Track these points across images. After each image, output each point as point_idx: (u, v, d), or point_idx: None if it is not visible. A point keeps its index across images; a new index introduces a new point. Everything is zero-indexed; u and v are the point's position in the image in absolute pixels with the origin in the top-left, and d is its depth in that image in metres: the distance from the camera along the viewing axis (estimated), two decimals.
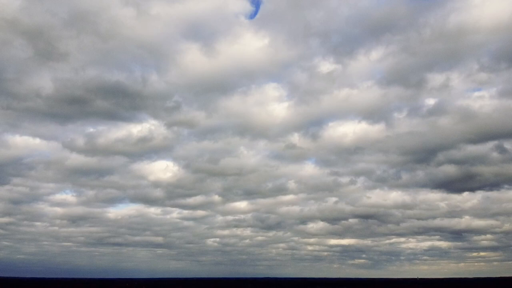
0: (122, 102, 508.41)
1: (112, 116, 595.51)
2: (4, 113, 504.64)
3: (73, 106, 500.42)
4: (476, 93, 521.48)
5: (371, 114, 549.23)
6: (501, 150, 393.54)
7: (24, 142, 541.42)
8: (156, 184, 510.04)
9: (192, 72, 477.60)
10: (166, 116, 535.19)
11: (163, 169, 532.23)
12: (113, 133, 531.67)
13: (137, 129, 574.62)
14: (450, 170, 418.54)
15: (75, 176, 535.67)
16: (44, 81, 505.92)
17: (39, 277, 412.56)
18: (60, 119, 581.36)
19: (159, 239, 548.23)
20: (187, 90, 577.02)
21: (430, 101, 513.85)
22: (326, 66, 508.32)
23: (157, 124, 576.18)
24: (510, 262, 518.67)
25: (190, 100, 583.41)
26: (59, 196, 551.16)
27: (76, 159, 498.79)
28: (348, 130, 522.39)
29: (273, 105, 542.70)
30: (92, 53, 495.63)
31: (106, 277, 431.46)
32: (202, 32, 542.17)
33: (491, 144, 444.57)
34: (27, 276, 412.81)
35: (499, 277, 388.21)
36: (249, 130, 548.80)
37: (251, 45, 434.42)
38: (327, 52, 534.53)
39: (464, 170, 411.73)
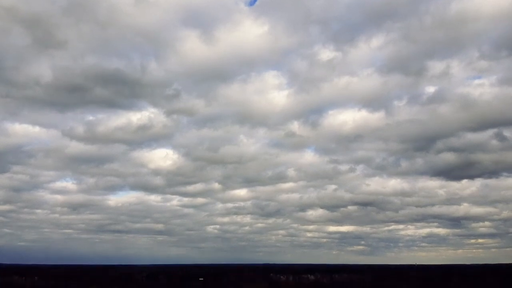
0: (122, 90, 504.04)
1: (111, 104, 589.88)
2: (3, 101, 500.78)
3: (72, 94, 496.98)
4: (476, 81, 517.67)
5: (371, 102, 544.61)
6: (501, 138, 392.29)
7: (24, 130, 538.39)
8: (156, 172, 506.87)
9: (192, 59, 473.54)
10: (165, 104, 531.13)
11: (163, 157, 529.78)
12: (112, 121, 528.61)
13: (136, 117, 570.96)
14: (449, 157, 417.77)
15: (75, 164, 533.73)
16: (43, 69, 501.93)
17: (40, 264, 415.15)
18: (60, 107, 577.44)
19: (160, 226, 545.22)
20: (186, 78, 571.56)
21: (430, 89, 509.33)
22: (326, 53, 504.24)
23: (157, 112, 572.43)
24: (508, 249, 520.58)
25: (190, 88, 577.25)
26: (59, 184, 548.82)
27: (75, 147, 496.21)
28: (348, 118, 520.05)
29: (273, 93, 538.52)
30: (91, 41, 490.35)
31: (107, 263, 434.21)
32: (201, 19, 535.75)
33: (490, 132, 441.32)
34: (28, 263, 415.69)
35: (497, 264, 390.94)
36: (249, 118, 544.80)
37: (250, 32, 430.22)
38: (327, 40, 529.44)
39: (463, 157, 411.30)
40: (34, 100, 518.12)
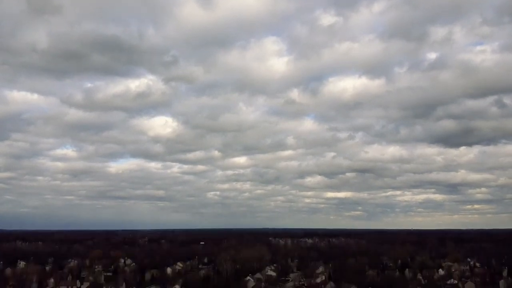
0: (119, 56, 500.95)
1: (109, 71, 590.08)
2: (0, 69, 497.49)
3: (69, 61, 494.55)
4: (478, 47, 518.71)
5: (372, 69, 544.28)
6: (501, 105, 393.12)
7: (22, 97, 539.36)
8: (156, 140, 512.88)
9: (190, 25, 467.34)
10: (163, 71, 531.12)
11: (162, 125, 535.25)
12: (111, 88, 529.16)
13: (135, 84, 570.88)
14: (448, 124, 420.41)
15: (75, 131, 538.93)
16: (39, 35, 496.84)
17: (43, 229, 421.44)
18: (57, 74, 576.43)
19: (161, 193, 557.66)
20: (184, 44, 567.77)
21: (432, 55, 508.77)
22: (327, 18, 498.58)
23: (155, 79, 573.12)
24: (503, 214, 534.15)
25: (188, 55, 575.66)
26: (60, 151, 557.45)
27: (74, 114, 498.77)
28: (348, 85, 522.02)
29: (273, 59, 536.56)
30: (87, 6, 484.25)
31: (110, 229, 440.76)
32: None
33: (490, 99, 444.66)
34: (31, 229, 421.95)
35: (492, 229, 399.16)
36: (248, 86, 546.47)
37: None
38: (328, 4, 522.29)
39: (462, 124, 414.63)
40: (31, 67, 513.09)
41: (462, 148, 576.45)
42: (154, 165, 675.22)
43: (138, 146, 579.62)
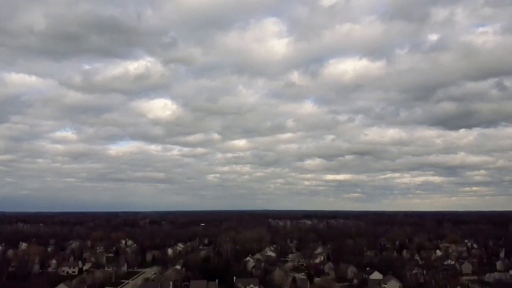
0: (117, 38, 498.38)
1: (107, 53, 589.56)
2: None
3: (67, 43, 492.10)
4: (480, 29, 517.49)
5: (373, 51, 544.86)
6: (501, 87, 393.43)
7: (20, 79, 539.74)
8: (156, 122, 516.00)
9: (188, 6, 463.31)
10: (162, 52, 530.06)
11: (161, 107, 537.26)
12: (109, 70, 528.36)
13: (133, 66, 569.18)
14: (448, 107, 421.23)
15: (74, 114, 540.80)
16: (36, 17, 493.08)
17: (44, 211, 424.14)
18: (55, 56, 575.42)
19: (161, 175, 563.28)
20: (183, 25, 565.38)
21: (433, 37, 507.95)
22: None
23: (153, 61, 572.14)
24: (501, 196, 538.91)
25: (187, 36, 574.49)
26: (59, 134, 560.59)
27: (73, 97, 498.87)
28: (348, 67, 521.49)
29: (273, 41, 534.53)
30: None
31: (111, 210, 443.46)
32: None
33: (491, 81, 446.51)
34: (32, 211, 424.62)
35: (490, 211, 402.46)
36: (248, 68, 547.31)
37: None
38: None
39: (462, 107, 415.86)
40: (29, 49, 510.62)
41: (462, 131, 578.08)
42: (154, 148, 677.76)
43: (138, 128, 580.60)
